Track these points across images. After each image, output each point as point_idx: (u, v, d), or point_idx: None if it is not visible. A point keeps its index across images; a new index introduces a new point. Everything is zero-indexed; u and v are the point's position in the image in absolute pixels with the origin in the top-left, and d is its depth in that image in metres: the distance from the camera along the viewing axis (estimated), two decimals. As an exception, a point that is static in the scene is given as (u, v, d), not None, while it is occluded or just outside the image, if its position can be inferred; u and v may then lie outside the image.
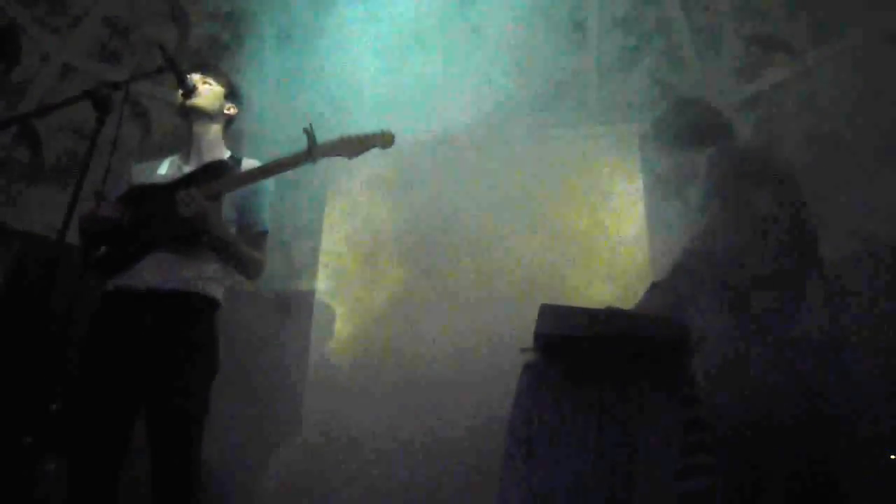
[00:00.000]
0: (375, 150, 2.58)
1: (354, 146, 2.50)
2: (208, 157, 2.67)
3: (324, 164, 2.61)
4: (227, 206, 2.55)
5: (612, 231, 4.23)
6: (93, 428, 2.30)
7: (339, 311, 5.04)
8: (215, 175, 2.51)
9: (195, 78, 2.67)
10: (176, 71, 2.46)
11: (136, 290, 2.40)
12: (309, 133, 2.44)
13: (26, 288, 4.31)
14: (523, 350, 2.54)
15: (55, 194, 4.74)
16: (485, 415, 3.65)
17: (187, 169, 2.62)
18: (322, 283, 5.15)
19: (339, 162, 2.63)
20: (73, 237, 2.21)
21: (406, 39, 4.59)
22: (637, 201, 4.35)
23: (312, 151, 2.44)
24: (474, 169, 4.50)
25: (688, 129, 3.04)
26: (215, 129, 2.73)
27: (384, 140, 2.52)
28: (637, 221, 4.26)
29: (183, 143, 2.72)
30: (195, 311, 2.45)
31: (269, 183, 2.64)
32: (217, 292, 2.54)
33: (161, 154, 2.80)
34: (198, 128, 2.68)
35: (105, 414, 2.31)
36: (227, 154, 2.71)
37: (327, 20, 4.54)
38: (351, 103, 4.43)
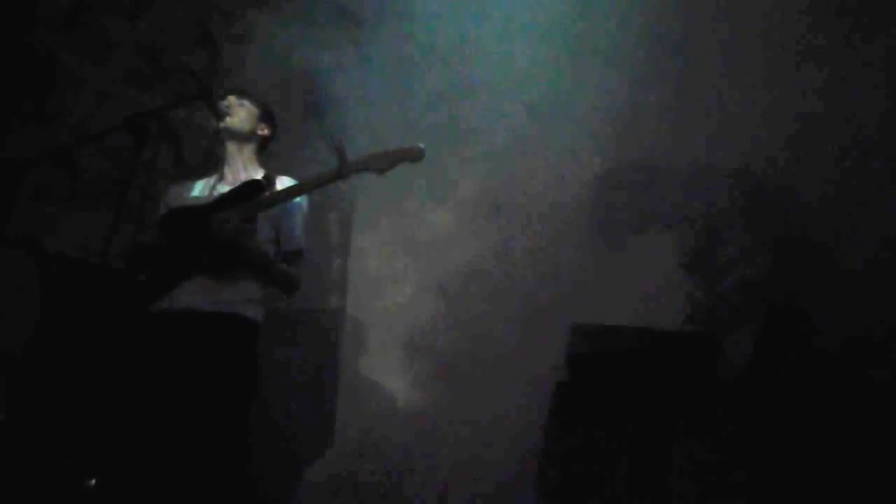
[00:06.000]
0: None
1: (384, 161, 2.46)
2: (243, 176, 2.69)
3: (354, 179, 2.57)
4: (264, 225, 2.57)
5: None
6: (134, 449, 2.33)
7: (369, 328, 5.05)
8: (249, 195, 2.52)
9: (230, 99, 2.70)
10: (209, 101, 2.50)
11: (176, 313, 2.43)
12: (339, 150, 2.43)
13: (62, 310, 4.38)
14: (556, 368, 2.53)
15: (90, 217, 4.81)
16: (519, 433, 3.62)
17: (221, 188, 2.65)
18: (351, 301, 5.16)
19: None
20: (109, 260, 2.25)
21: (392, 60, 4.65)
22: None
23: (343, 168, 2.43)
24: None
25: None
26: (249, 149, 2.76)
27: (414, 154, 2.47)
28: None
29: (218, 164, 2.77)
30: (235, 333, 2.48)
31: (304, 202, 2.67)
32: (257, 314, 2.56)
33: (194, 177, 2.85)
34: (232, 148, 2.72)
35: (146, 435, 2.34)
36: (261, 174, 2.72)
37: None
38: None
